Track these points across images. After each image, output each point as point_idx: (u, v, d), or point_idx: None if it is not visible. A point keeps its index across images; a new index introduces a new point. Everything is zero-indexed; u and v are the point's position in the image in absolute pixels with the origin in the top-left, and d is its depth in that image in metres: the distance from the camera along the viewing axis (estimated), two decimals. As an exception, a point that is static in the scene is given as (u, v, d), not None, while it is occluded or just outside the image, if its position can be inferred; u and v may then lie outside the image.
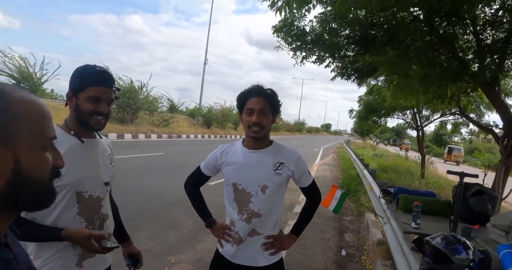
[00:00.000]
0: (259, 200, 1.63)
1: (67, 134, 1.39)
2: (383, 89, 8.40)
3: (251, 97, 1.62)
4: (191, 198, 1.88)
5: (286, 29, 4.48)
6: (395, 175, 10.48)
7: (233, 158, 1.71)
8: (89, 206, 1.38)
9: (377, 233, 4.71)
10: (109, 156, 1.54)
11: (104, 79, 1.38)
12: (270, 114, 1.64)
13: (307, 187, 1.77)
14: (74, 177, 1.32)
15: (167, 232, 4.43)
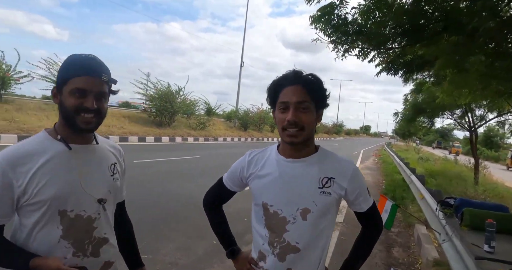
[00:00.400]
0: (297, 228, 1.19)
1: (53, 139, 1.12)
2: (433, 87, 7.61)
3: (285, 86, 1.18)
4: (210, 218, 1.47)
5: (325, 18, 4.00)
6: (445, 180, 9.61)
7: (264, 168, 1.27)
8: (76, 228, 1.13)
9: (432, 250, 4.11)
10: (111, 166, 1.26)
11: (89, 67, 1.09)
12: (313, 110, 1.18)
13: (365, 213, 1.28)
14: (53, 191, 1.08)
15: (195, 243, 4.11)
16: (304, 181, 1.20)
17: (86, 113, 1.09)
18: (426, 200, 4.99)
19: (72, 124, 1.11)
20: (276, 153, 1.28)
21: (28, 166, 1.06)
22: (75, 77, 1.07)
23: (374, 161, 20.42)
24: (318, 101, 1.19)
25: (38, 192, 1.06)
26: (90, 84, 1.08)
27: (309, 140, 1.22)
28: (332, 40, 4.37)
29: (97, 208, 1.17)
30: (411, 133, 41.19)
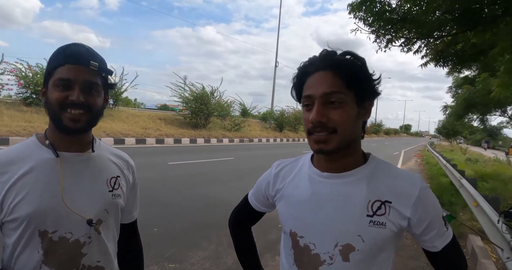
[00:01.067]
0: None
1: (41, 145, 0.94)
2: (490, 79, 6.86)
3: (311, 74, 0.84)
4: (235, 243, 1.20)
5: (367, 5, 3.59)
6: (499, 184, 8.77)
7: (294, 186, 0.95)
8: (60, 253, 0.93)
9: (490, 266, 3.61)
10: (110, 180, 1.04)
11: (74, 54, 0.90)
12: (351, 103, 0.82)
13: (440, 252, 0.88)
14: (31, 207, 0.89)
15: (225, 251, 3.88)
16: (346, 205, 0.86)
17: (73, 109, 0.90)
18: (481, 207, 4.45)
19: (58, 124, 0.92)
20: (309, 165, 0.95)
21: (7, 175, 0.89)
22: (59, 67, 0.91)
23: (416, 162, 19.37)
24: (361, 90, 0.83)
25: (15, 207, 0.88)
26: (74, 73, 0.90)
27: (350, 146, 0.87)
28: (374, 30, 3.95)
29: (87, 231, 0.96)
30: (456, 132, 38.86)
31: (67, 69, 0.90)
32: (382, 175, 0.88)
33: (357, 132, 0.87)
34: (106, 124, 15.33)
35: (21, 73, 13.76)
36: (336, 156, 0.87)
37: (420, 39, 4.14)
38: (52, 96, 0.91)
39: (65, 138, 0.96)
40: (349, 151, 0.88)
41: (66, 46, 0.94)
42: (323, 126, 0.81)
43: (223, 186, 7.39)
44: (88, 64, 0.91)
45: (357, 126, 0.86)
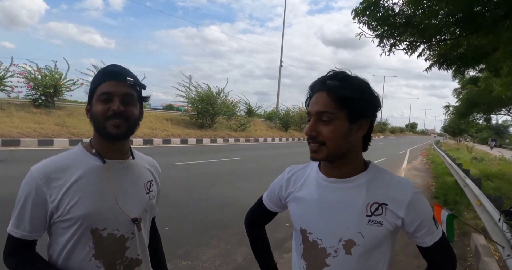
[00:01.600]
0: (340, 264, 0.99)
1: (88, 154, 1.07)
2: (491, 78, 6.89)
3: (313, 94, 1.00)
4: (250, 240, 1.34)
5: (371, 11, 3.70)
6: (504, 184, 8.80)
7: (303, 189, 1.09)
8: (108, 248, 1.07)
9: (492, 265, 3.70)
10: (147, 184, 1.19)
11: (112, 72, 1.05)
12: (341, 121, 0.95)
13: (431, 248, 1.01)
14: (86, 208, 1.02)
15: (235, 249, 4.01)
16: (348, 206, 0.99)
17: (114, 119, 1.04)
18: (484, 206, 4.54)
19: (102, 132, 1.05)
20: (317, 171, 1.08)
21: (61, 180, 1.02)
22: (101, 84, 1.05)
23: (422, 161, 19.37)
24: (352, 110, 0.95)
25: (70, 208, 1.01)
26: (114, 87, 1.04)
27: (347, 156, 1.00)
28: (378, 34, 4.05)
29: (131, 228, 1.11)
30: (462, 131, 38.62)
31: (107, 85, 1.04)
32: (380, 181, 1.01)
33: (351, 145, 0.99)
34: (114, 125, 15.55)
35: (30, 76, 13.99)
36: (337, 164, 1.01)
37: (423, 42, 4.23)
38: (96, 109, 1.05)
39: (109, 147, 1.10)
40: (348, 160, 1.01)
41: (104, 67, 1.10)
42: (314, 139, 0.96)
43: (230, 186, 7.52)
44: (125, 79, 1.05)
45: (350, 140, 0.98)
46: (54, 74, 14.41)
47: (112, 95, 1.04)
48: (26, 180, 1.02)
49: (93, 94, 1.06)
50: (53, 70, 14.50)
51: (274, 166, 11.41)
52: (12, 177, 6.51)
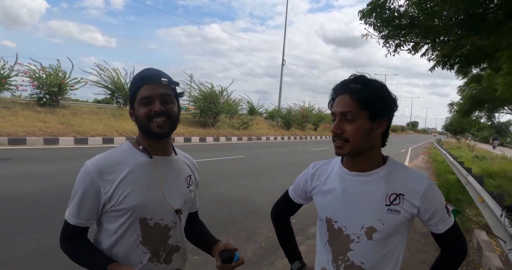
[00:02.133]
0: (362, 248, 1.11)
1: (136, 150, 1.18)
2: (495, 77, 6.95)
3: (336, 96, 1.12)
4: (277, 231, 1.46)
5: (377, 12, 3.80)
6: (505, 181, 8.90)
7: (328, 182, 1.20)
8: (154, 236, 1.18)
9: (494, 259, 3.82)
10: (187, 178, 1.30)
11: (148, 76, 1.15)
12: (363, 120, 1.06)
13: (444, 234, 1.13)
14: (136, 200, 1.13)
15: (244, 245, 4.13)
16: (369, 197, 1.10)
17: (157, 118, 1.12)
18: (486, 203, 4.64)
19: (148, 132, 1.15)
20: (340, 166, 1.20)
21: (114, 174, 1.12)
22: (140, 89, 1.14)
23: (423, 159, 19.45)
24: (373, 109, 1.06)
25: (122, 200, 1.12)
26: (152, 89, 1.13)
27: (369, 152, 1.12)
28: (383, 35, 4.15)
29: (174, 218, 1.22)
30: (463, 129, 38.66)
31: (146, 89, 1.13)
32: (397, 174, 1.12)
33: (371, 141, 1.10)
34: (118, 123, 15.66)
35: (34, 75, 14.08)
36: (358, 159, 1.12)
37: (427, 43, 4.34)
38: (139, 112, 1.14)
39: (154, 144, 1.19)
40: (369, 155, 1.12)
41: (140, 72, 1.19)
42: (339, 136, 1.08)
43: (236, 184, 7.62)
44: (160, 80, 1.14)
45: (371, 137, 1.09)
46: (58, 73, 14.53)
47: (152, 98, 1.13)
48: (82, 174, 1.13)
49: (134, 99, 1.16)
50: (57, 69, 14.61)
51: (278, 164, 11.53)
52: (19, 175, 6.64)
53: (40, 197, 5.24)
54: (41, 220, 4.21)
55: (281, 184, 7.79)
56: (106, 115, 16.43)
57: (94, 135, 13.50)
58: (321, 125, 37.23)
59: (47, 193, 5.39)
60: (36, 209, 4.69)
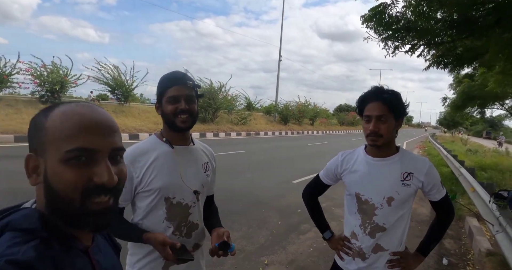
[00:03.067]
0: (384, 212, 1.50)
1: (160, 141, 1.42)
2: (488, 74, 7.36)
3: (369, 102, 1.47)
4: (309, 208, 1.83)
5: (377, 18, 4.17)
6: (497, 174, 9.33)
7: (356, 166, 1.58)
8: (176, 213, 1.39)
9: (484, 242, 4.22)
10: (204, 165, 1.51)
11: (176, 78, 1.39)
12: (391, 120, 1.46)
13: (439, 202, 1.56)
14: (161, 182, 1.35)
15: (256, 232, 4.49)
16: (389, 175, 1.50)
17: (182, 114, 1.35)
18: (477, 192, 5.04)
19: (173, 125, 1.37)
20: (364, 153, 1.59)
21: (142, 161, 1.35)
22: (168, 88, 1.36)
23: (418, 153, 19.91)
24: (397, 113, 1.46)
25: (150, 182, 1.34)
26: (179, 91, 1.35)
27: (390, 143, 1.51)
28: (383, 38, 4.52)
29: (193, 198, 1.43)
30: (457, 123, 39.25)
31: (174, 90, 1.34)
32: (407, 158, 1.54)
33: (393, 135, 1.51)
34: (119, 120, 15.85)
35: (36, 72, 14.21)
36: (382, 148, 1.52)
37: (422, 45, 4.70)
38: (167, 109, 1.35)
39: (176, 136, 1.41)
40: (389, 145, 1.53)
41: (170, 74, 1.40)
42: (376, 134, 1.46)
43: (240, 178, 7.93)
44: (186, 84, 1.36)
45: (393, 132, 1.51)
46: (59, 70, 14.67)
47: (179, 97, 1.34)
48: None
49: (162, 96, 1.37)
50: (58, 66, 14.75)
51: (279, 159, 11.87)
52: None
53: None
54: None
55: (284, 178, 8.19)
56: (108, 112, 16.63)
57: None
58: (317, 120, 37.65)
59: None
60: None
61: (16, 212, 0.63)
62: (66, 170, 0.60)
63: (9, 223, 0.60)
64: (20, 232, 0.59)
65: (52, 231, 0.62)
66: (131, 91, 18.39)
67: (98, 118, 0.64)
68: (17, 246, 0.56)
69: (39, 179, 0.64)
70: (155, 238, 1.27)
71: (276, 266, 3.57)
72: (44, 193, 0.63)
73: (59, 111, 0.63)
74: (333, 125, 43.71)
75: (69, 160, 0.60)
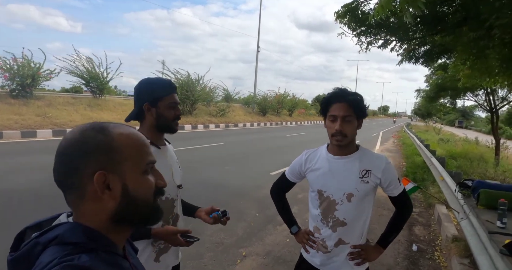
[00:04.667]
0: (344, 208, 1.58)
1: None
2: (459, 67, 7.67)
3: (334, 103, 1.55)
4: (277, 204, 1.91)
5: (350, 14, 4.27)
6: (465, 162, 9.75)
7: (318, 164, 1.66)
8: (165, 207, 1.48)
9: (451, 228, 4.46)
10: (176, 161, 1.65)
11: (172, 86, 1.53)
12: (354, 121, 1.55)
13: (397, 197, 1.65)
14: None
15: (235, 224, 4.56)
16: (348, 173, 1.58)
17: (177, 119, 1.53)
18: (446, 181, 5.28)
19: (167, 128, 1.51)
20: (326, 152, 1.68)
21: None
22: (169, 95, 1.49)
23: (393, 142, 20.49)
24: (359, 114, 1.56)
25: None
26: (176, 98, 1.53)
27: (351, 142, 1.60)
28: (356, 33, 4.63)
29: (177, 192, 1.58)
30: (431, 113, 40.53)
31: (174, 96, 1.51)
32: (366, 156, 1.62)
33: (355, 135, 1.60)
34: (95, 114, 15.56)
35: (5, 65, 13.70)
36: (344, 147, 1.60)
37: (395, 40, 4.85)
38: (168, 113, 1.48)
39: (158, 136, 1.53)
40: (350, 144, 1.61)
41: (168, 81, 1.54)
42: (341, 133, 1.53)
43: (219, 170, 7.99)
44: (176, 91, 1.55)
45: (355, 133, 1.60)
46: (30, 63, 14.18)
47: (177, 104, 1.51)
48: None
49: (159, 100, 1.47)
50: (29, 60, 14.25)
51: (257, 150, 11.97)
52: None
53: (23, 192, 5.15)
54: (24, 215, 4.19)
55: (262, 170, 8.30)
56: (82, 106, 16.26)
57: (72, 126, 13.32)
58: (296, 111, 37.97)
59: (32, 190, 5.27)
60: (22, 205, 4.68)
61: (57, 227, 0.67)
62: (147, 178, 0.74)
63: (56, 237, 0.65)
64: (68, 245, 0.64)
65: (97, 242, 0.67)
66: (106, 83, 17.97)
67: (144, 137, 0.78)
68: (69, 255, 0.61)
69: (113, 194, 0.69)
70: (167, 230, 1.43)
71: (253, 257, 3.67)
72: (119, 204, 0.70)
73: (119, 132, 0.72)
74: (312, 115, 44.18)
75: (146, 171, 0.75)
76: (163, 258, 1.53)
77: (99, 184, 0.67)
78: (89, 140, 0.69)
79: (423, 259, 3.91)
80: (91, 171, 0.67)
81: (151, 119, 1.49)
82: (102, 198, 0.69)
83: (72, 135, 0.70)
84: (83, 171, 0.68)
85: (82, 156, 0.68)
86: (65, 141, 0.70)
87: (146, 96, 1.48)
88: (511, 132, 37.27)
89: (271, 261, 3.60)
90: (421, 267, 3.70)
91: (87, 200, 0.69)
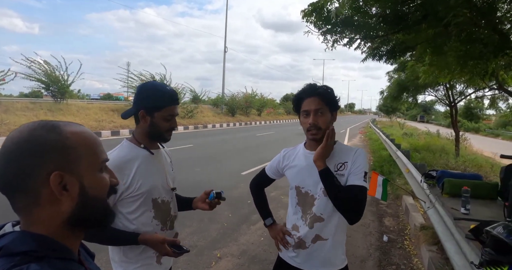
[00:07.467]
0: (321, 203, 1.55)
1: (138, 147, 1.49)
2: (416, 66, 7.99)
3: (305, 98, 1.55)
4: (254, 196, 1.91)
5: (317, 13, 4.33)
6: (429, 154, 10.18)
7: (295, 161, 1.66)
8: (161, 210, 1.52)
9: (418, 217, 4.63)
10: (170, 164, 1.67)
11: (175, 99, 1.49)
12: (327, 113, 1.54)
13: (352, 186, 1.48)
14: (149, 185, 1.47)
15: (208, 226, 4.51)
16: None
17: (171, 131, 1.52)
18: (411, 173, 5.48)
19: (160, 138, 1.51)
20: (303, 148, 1.67)
21: (128, 169, 1.42)
22: (168, 106, 1.45)
23: (360, 138, 21.07)
24: (332, 106, 1.56)
25: (139, 187, 1.43)
26: (175, 110, 1.49)
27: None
28: (322, 31, 4.70)
29: (171, 194, 1.60)
30: (395, 109, 42.11)
31: (173, 108, 1.47)
32: (341, 149, 1.60)
33: (329, 128, 1.55)
34: (57, 119, 14.80)
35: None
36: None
37: (359, 39, 4.97)
38: (162, 125, 1.45)
39: (152, 143, 1.53)
40: None
41: (169, 92, 1.46)
42: (315, 126, 1.52)
43: (190, 172, 7.86)
44: (179, 103, 1.52)
45: (330, 125, 1.57)
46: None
47: (174, 116, 1.49)
48: None
49: (156, 110, 1.43)
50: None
51: (227, 151, 11.90)
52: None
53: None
54: None
55: (233, 170, 8.27)
56: (43, 111, 15.53)
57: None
58: (265, 111, 38.17)
59: None
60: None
61: (1, 239, 0.62)
62: (102, 177, 0.72)
63: (1, 249, 0.60)
64: (15, 256, 0.59)
65: (49, 249, 0.63)
66: (67, 87, 17.19)
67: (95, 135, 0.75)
68: (16, 266, 0.57)
69: (71, 194, 0.66)
70: (155, 238, 1.39)
71: (228, 258, 3.63)
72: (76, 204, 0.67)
73: (71, 131, 0.68)
74: (280, 114, 44.58)
75: (101, 169, 0.72)
76: (164, 260, 1.55)
77: (56, 185, 0.63)
78: (41, 139, 0.63)
79: (394, 249, 4.03)
80: (45, 172, 0.63)
81: (145, 126, 1.48)
82: (59, 200, 0.65)
83: (19, 134, 0.64)
84: (37, 173, 0.63)
85: (34, 156, 0.63)
86: (11, 141, 0.63)
87: (144, 102, 1.46)
88: (468, 125, 39.49)
89: (247, 261, 3.57)
90: (392, 256, 3.81)
91: (41, 204, 0.64)
